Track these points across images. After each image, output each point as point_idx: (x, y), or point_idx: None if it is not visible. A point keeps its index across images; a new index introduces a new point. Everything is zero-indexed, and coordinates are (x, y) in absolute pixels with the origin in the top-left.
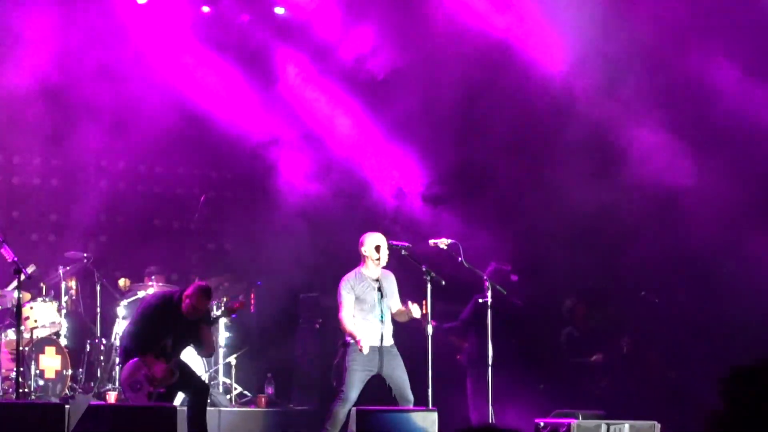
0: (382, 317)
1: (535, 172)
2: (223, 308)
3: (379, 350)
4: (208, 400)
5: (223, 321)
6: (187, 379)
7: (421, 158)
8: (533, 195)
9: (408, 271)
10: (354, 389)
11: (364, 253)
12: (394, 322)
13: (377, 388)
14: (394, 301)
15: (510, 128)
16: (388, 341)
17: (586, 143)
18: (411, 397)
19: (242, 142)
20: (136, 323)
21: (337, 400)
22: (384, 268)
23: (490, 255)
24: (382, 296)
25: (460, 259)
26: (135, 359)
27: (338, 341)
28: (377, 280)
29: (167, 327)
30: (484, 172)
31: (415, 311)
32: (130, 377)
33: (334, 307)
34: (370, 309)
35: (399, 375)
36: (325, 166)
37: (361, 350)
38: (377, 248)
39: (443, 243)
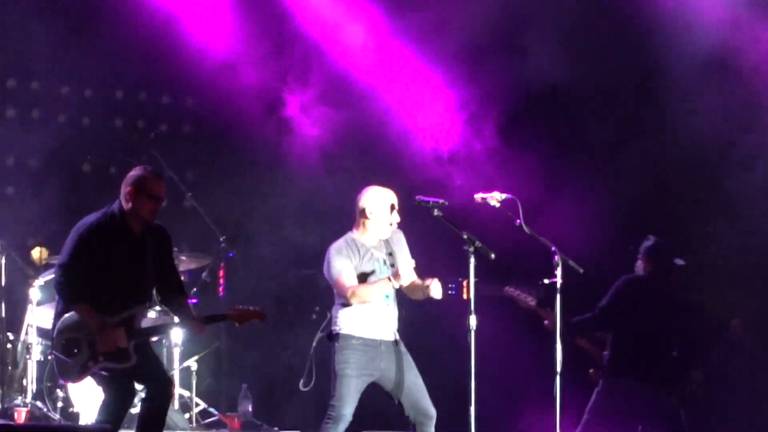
0: (386, 296)
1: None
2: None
3: (383, 346)
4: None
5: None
6: (148, 365)
7: (465, 82)
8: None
9: (443, 239)
10: (348, 403)
11: (366, 215)
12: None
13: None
14: (404, 268)
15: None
16: (393, 335)
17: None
18: (432, 410)
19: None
20: (70, 254)
21: (326, 420)
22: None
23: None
24: (389, 268)
25: (518, 221)
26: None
27: (324, 331)
28: (381, 247)
29: (112, 259)
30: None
31: (435, 290)
32: (64, 332)
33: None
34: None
35: (412, 380)
36: (333, 89)
37: (395, 280)
38: (391, 208)
39: (495, 199)
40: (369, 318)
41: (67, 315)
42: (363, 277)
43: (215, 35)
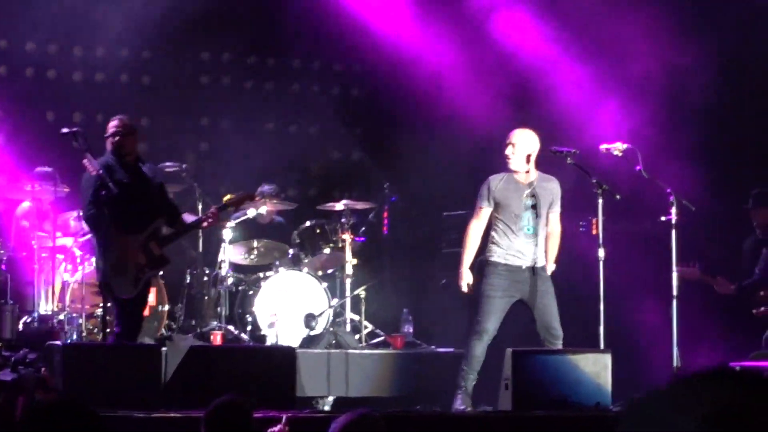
0: (531, 230)
1: None
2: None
3: (525, 271)
4: (334, 341)
5: (348, 244)
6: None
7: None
8: None
9: (575, 183)
10: (492, 319)
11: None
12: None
13: (515, 321)
14: (552, 215)
15: None
16: (539, 261)
17: None
18: (560, 331)
19: None
20: (89, 201)
21: (472, 334)
22: (546, 174)
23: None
24: (533, 205)
25: (638, 167)
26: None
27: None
28: (531, 185)
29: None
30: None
31: (549, 271)
32: (110, 259)
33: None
34: (514, 219)
35: (547, 303)
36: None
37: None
38: (509, 145)
39: (617, 149)
40: (515, 247)
41: (107, 246)
42: (504, 208)
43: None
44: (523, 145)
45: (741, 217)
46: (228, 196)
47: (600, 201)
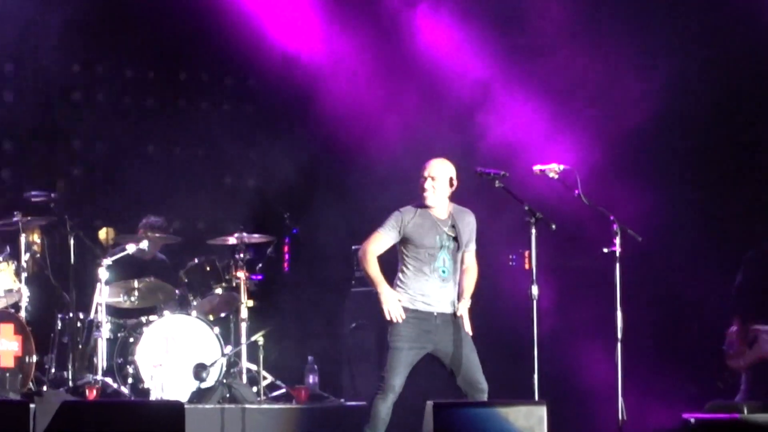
0: (446, 272)
1: None
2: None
3: (436, 318)
4: (228, 394)
5: (243, 283)
6: None
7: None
8: None
9: (505, 212)
10: (398, 375)
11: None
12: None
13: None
14: (468, 254)
15: None
16: (450, 307)
17: None
18: (485, 384)
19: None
20: None
21: (376, 391)
22: (462, 206)
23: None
24: (450, 244)
25: (577, 192)
26: None
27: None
28: (448, 221)
29: None
30: None
31: (461, 310)
32: None
33: None
34: (428, 259)
35: (466, 354)
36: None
37: (388, 314)
38: (427, 178)
39: (553, 171)
40: (425, 291)
41: None
42: (417, 246)
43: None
44: (444, 178)
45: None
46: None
47: (533, 231)
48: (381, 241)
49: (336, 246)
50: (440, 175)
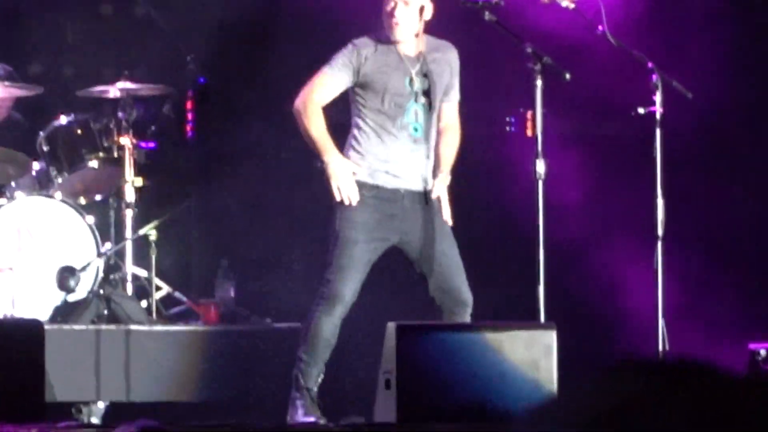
0: (418, 130)
1: None
2: None
3: (404, 197)
4: (107, 311)
5: (129, 152)
6: None
7: None
8: None
9: (498, 53)
10: (350, 279)
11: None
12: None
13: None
14: (448, 105)
15: None
16: (422, 183)
17: None
18: (468, 294)
19: None
20: None
21: (317, 303)
22: (437, 38)
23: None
24: (425, 91)
25: (601, 28)
26: None
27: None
28: (419, 58)
29: None
30: None
31: (437, 189)
32: None
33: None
34: (395, 111)
35: (443, 250)
36: None
37: (341, 194)
38: (398, 2)
39: None
40: (389, 157)
41: None
42: (377, 92)
43: None
44: (417, 1)
45: None
46: None
47: (538, 83)
48: (328, 85)
49: (262, 101)
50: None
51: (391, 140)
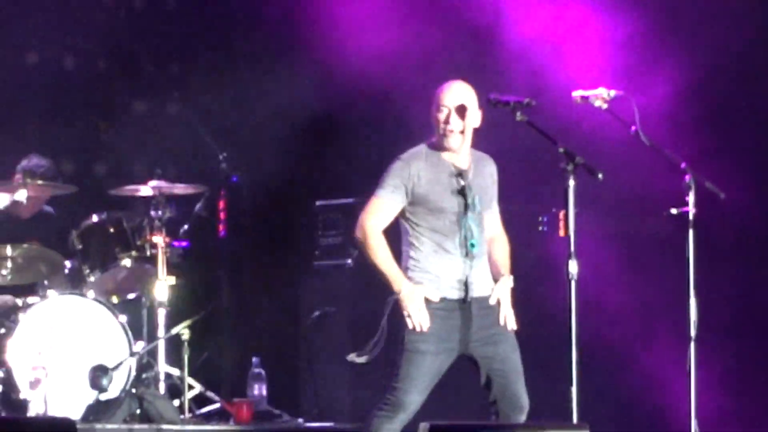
0: (474, 246)
1: None
2: None
3: (464, 308)
4: (139, 410)
5: (162, 252)
6: None
7: None
8: None
9: (530, 154)
10: (418, 388)
11: (433, 120)
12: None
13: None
14: (492, 215)
15: None
16: (484, 290)
17: None
18: (525, 400)
19: None
20: None
21: (380, 406)
22: (476, 149)
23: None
24: (472, 203)
25: (634, 128)
26: None
27: (389, 292)
28: (468, 171)
29: None
30: None
31: (510, 321)
32: None
33: None
34: (451, 229)
35: (506, 356)
36: None
37: (411, 322)
38: (452, 109)
39: (601, 98)
40: (452, 272)
41: None
42: (432, 210)
43: None
44: (474, 108)
45: None
46: None
47: (571, 183)
48: (383, 210)
49: (294, 202)
50: (470, 105)
51: (450, 258)
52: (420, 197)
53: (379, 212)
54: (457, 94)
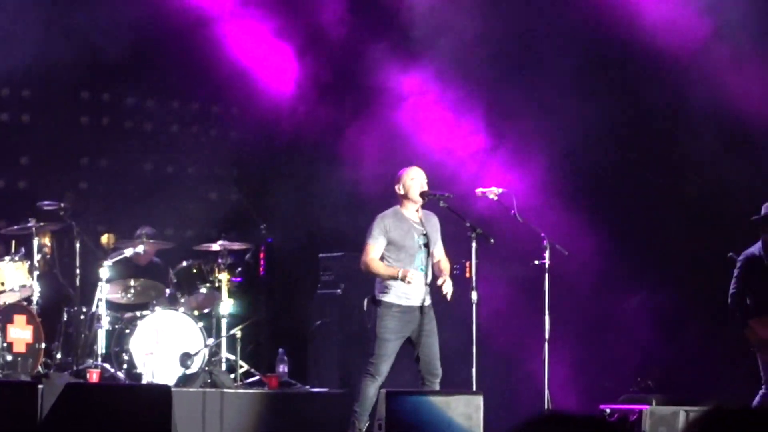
0: (423, 269)
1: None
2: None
3: (415, 310)
4: (210, 380)
5: (225, 283)
6: None
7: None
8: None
9: (449, 227)
10: (386, 362)
11: (401, 191)
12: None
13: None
14: (437, 250)
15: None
16: (428, 300)
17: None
18: (440, 370)
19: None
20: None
21: (366, 375)
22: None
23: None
24: (425, 243)
25: (513, 212)
26: None
27: (365, 299)
28: (420, 223)
29: None
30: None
31: (447, 288)
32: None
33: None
34: (410, 259)
35: (432, 342)
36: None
37: (407, 282)
38: (423, 183)
39: (493, 193)
40: (407, 289)
41: None
42: (399, 248)
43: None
44: (422, 180)
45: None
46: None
47: (474, 244)
48: (374, 249)
49: (305, 255)
50: (419, 177)
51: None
52: (391, 239)
53: (372, 250)
54: (421, 173)
